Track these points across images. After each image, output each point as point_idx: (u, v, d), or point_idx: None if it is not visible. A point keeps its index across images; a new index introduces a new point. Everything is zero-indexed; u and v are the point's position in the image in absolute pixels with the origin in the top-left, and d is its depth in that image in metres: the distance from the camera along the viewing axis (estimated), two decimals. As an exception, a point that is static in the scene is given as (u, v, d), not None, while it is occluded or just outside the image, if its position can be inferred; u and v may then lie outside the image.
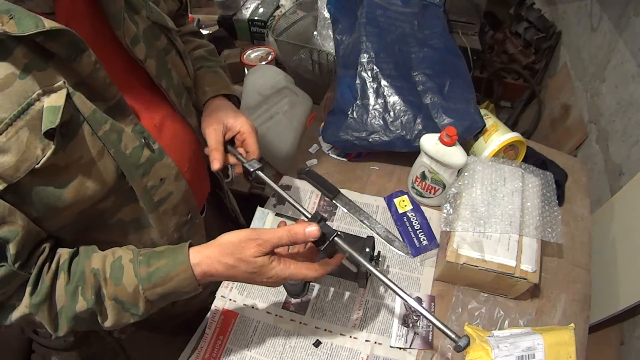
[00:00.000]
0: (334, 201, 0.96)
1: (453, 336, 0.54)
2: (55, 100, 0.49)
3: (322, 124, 1.09)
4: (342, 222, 0.94)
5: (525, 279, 0.74)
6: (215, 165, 0.70)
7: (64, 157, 0.51)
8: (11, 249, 0.50)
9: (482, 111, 0.98)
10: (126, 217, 0.64)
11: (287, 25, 1.49)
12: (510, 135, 0.92)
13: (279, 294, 0.83)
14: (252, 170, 0.69)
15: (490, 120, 0.97)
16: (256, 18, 1.69)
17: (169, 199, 0.67)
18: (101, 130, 0.55)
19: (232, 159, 0.75)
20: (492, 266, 0.75)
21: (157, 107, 0.67)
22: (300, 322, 0.79)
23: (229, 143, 0.75)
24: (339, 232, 0.58)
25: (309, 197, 0.98)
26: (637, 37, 1.03)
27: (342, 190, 0.98)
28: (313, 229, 0.56)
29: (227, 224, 1.02)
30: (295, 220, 0.90)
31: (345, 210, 0.95)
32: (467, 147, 0.98)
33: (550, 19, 1.66)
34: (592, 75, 1.26)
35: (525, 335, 0.71)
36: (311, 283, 0.84)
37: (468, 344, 0.54)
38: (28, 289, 0.53)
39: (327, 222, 0.59)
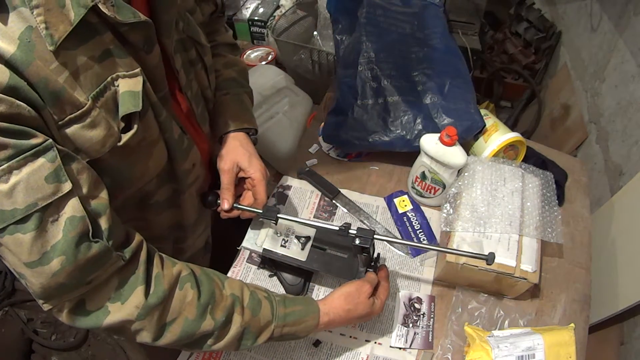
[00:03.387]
0: (334, 201, 0.96)
1: (480, 255, 0.62)
2: (133, 86, 0.52)
3: (322, 124, 1.09)
4: (342, 222, 0.93)
5: (525, 279, 0.74)
6: (225, 204, 0.74)
7: (135, 137, 0.55)
8: (103, 224, 0.49)
9: (482, 111, 0.98)
10: (161, 197, 0.68)
11: (287, 25, 1.49)
12: (510, 135, 0.92)
13: (279, 294, 0.83)
14: (274, 220, 0.71)
15: (490, 120, 0.97)
16: (256, 18, 1.69)
17: (197, 181, 0.74)
18: (161, 116, 0.59)
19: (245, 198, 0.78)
20: (492, 266, 0.75)
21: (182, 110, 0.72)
22: (300, 322, 0.79)
23: (240, 181, 0.78)
24: (374, 230, 0.70)
25: (309, 197, 0.98)
26: (637, 37, 1.03)
27: (342, 190, 0.98)
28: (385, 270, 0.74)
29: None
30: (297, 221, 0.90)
31: (345, 210, 0.95)
32: (467, 147, 0.98)
33: (550, 19, 1.66)
34: (592, 75, 1.25)
35: (525, 335, 0.71)
36: (311, 283, 0.84)
37: (494, 258, 0.61)
38: (140, 287, 0.52)
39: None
